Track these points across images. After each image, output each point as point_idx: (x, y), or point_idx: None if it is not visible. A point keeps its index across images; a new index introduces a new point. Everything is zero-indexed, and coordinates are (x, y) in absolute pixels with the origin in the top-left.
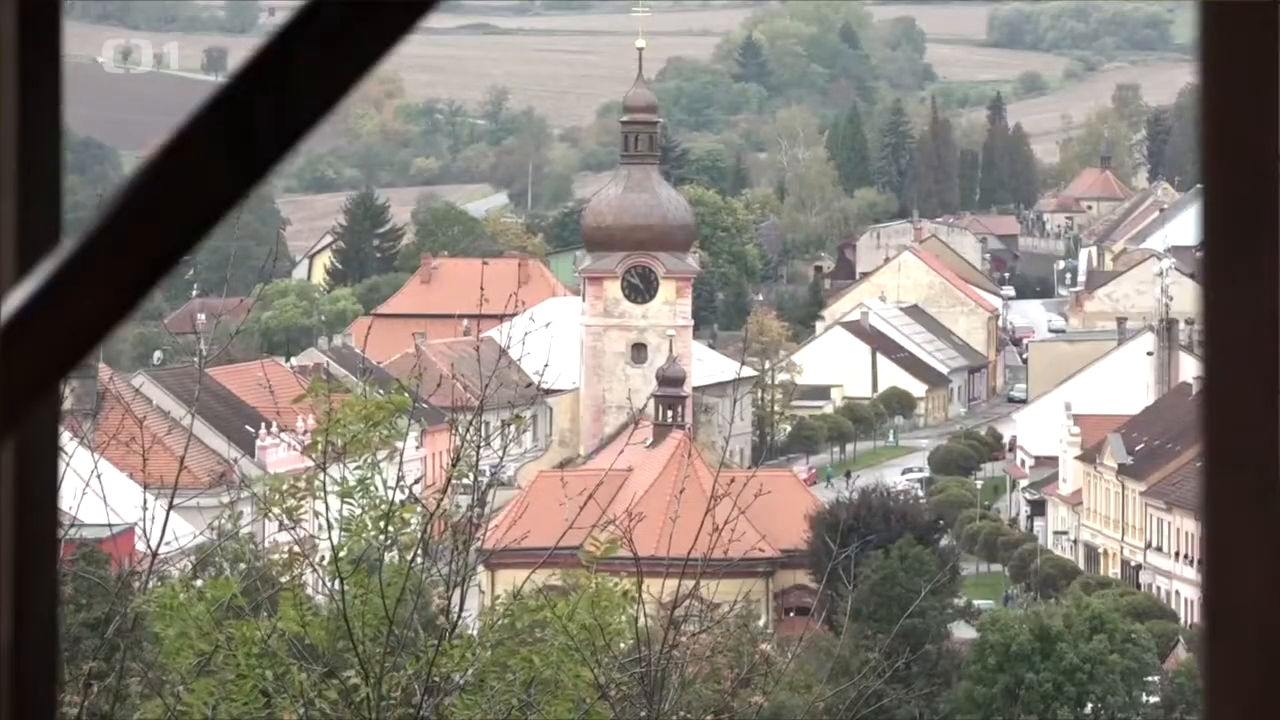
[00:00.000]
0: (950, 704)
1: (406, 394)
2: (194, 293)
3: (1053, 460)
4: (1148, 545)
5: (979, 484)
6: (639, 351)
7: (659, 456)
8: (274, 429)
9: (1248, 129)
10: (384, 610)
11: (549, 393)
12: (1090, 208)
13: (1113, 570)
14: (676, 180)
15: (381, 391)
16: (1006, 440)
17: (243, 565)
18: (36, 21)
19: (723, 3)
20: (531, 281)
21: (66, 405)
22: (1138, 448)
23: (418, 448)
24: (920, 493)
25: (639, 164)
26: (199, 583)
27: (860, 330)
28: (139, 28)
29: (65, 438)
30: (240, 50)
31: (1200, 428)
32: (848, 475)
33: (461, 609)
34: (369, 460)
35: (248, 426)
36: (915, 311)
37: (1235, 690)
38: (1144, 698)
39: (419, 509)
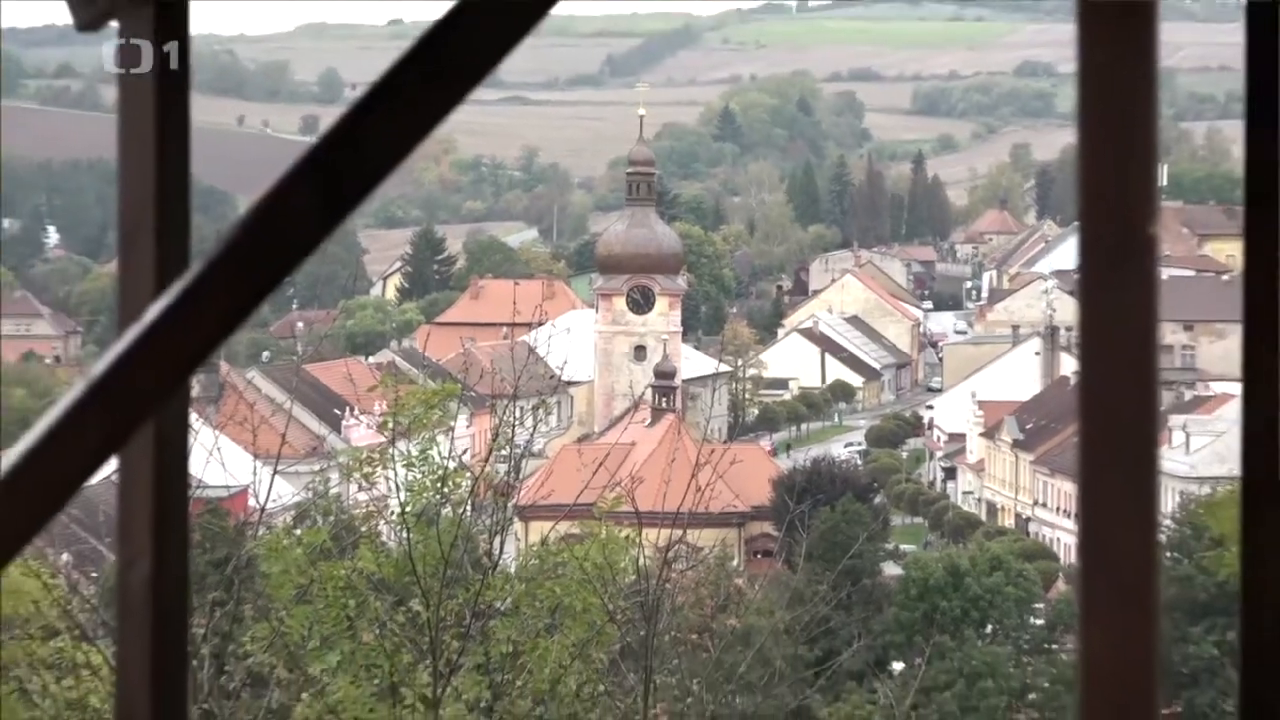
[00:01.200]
0: (881, 625)
1: (458, 384)
2: (294, 306)
3: (961, 436)
4: (1035, 502)
5: (904, 455)
6: (640, 352)
7: (655, 433)
8: (355, 412)
9: (1114, 178)
10: (440, 553)
11: (569, 384)
12: (991, 240)
13: (1008, 521)
14: (669, 218)
15: (435, 383)
16: (925, 421)
17: (331, 518)
18: (169, 94)
19: (706, 81)
20: (556, 297)
21: (194, 393)
22: (1028, 427)
23: (468, 426)
24: (859, 462)
25: (640, 206)
26: (297, 531)
27: (812, 335)
28: (251, 99)
29: (193, 418)
30: (329, 117)
31: (1078, 411)
32: (788, 448)
33: (501, 551)
34: (428, 436)
35: (335, 410)
36: (855, 321)
37: (1102, 614)
38: (1031, 620)
39: (467, 474)
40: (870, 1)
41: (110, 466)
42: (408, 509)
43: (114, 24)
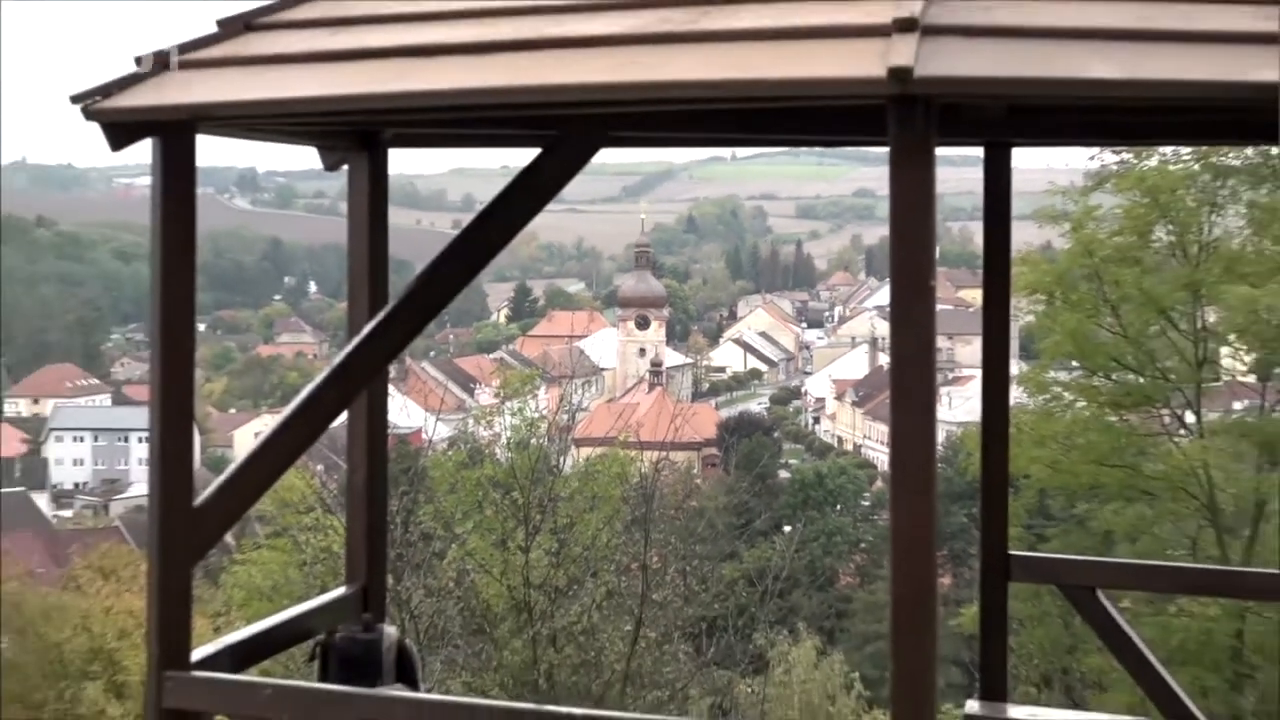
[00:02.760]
0: (778, 505)
1: (540, 370)
2: (447, 324)
3: (823, 399)
4: (865, 437)
5: (791, 409)
6: (642, 352)
7: (651, 398)
8: (482, 385)
9: (910, 253)
10: (529, 465)
11: (602, 369)
12: (840, 288)
13: (849, 448)
14: (659, 277)
15: (527, 370)
16: (803, 390)
17: (468, 445)
18: (376, 207)
19: (679, 200)
20: (595, 321)
21: (391, 374)
22: (860, 393)
23: (545, 393)
24: (765, 413)
25: (642, 270)
26: (449, 453)
27: (740, 342)
28: (423, 209)
29: (390, 389)
30: (467, 219)
31: (891, 384)
32: (717, 407)
33: (563, 463)
34: (523, 399)
35: (470, 384)
36: (763, 334)
37: (903, 499)
38: (863, 503)
39: (545, 421)
40: (772, 156)
41: (343, 416)
42: (511, 440)
43: (345, 167)
